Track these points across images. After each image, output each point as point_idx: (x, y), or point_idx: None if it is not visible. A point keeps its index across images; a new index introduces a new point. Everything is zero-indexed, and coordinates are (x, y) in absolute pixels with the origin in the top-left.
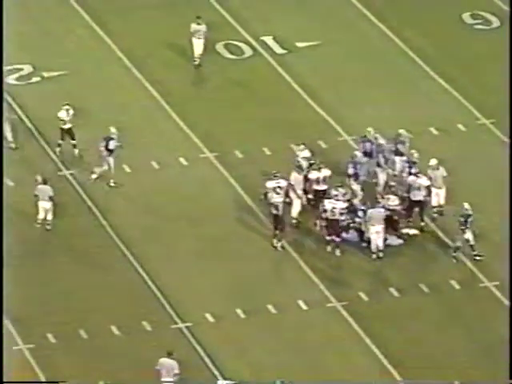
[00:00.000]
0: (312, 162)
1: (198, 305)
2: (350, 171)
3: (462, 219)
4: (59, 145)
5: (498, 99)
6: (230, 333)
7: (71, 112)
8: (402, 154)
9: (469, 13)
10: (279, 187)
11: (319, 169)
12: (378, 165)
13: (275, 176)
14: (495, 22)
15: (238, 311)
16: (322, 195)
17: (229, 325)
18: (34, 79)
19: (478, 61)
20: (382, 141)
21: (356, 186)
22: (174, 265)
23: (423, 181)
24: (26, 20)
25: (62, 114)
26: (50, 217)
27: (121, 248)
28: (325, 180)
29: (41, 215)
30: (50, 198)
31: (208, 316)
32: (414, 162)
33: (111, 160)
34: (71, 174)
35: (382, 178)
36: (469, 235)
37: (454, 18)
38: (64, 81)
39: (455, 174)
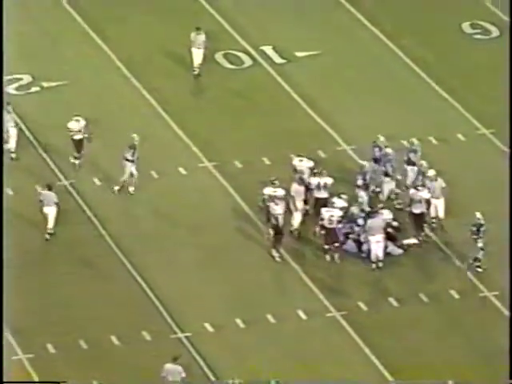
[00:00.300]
0: (315, 171)
1: (198, 314)
2: (359, 182)
3: (474, 228)
4: (76, 157)
5: (498, 109)
6: (229, 342)
7: (82, 123)
8: (414, 164)
9: (468, 22)
10: (275, 196)
11: (321, 175)
12: (386, 174)
13: (273, 183)
14: (494, 32)
15: (238, 321)
16: (322, 203)
17: (228, 334)
18: (34, 89)
19: (478, 70)
20: (389, 150)
21: (365, 197)
22: (173, 274)
23: (424, 193)
24: (25, 30)
25: (72, 125)
26: (50, 225)
27: (120, 257)
28: (325, 187)
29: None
30: (55, 204)
31: (207, 326)
32: (423, 173)
33: (133, 169)
34: (70, 184)
35: (386, 187)
36: (480, 245)
37: (454, 27)
38: (63, 90)
39: (455, 183)
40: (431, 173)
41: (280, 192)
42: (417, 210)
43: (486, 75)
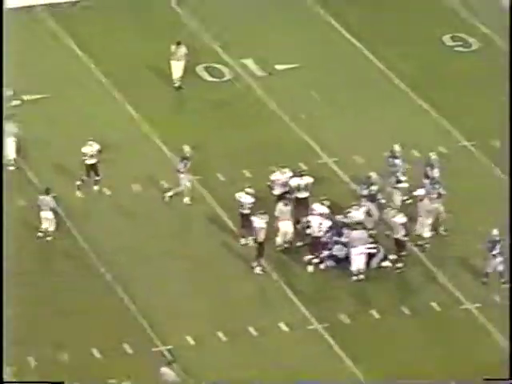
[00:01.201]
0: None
1: (179, 327)
2: (364, 192)
3: (490, 245)
4: (82, 180)
5: (479, 121)
6: (211, 355)
7: (96, 147)
8: (429, 178)
9: (449, 35)
10: (241, 202)
11: (301, 176)
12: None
13: (244, 189)
14: (475, 44)
15: (220, 333)
16: (303, 203)
17: (210, 347)
18: (14, 102)
19: (459, 83)
20: (397, 161)
21: (372, 207)
22: (154, 286)
23: (398, 219)
24: (5, 43)
25: (86, 150)
26: (51, 228)
27: (101, 270)
28: (306, 187)
29: (44, 225)
30: (51, 210)
31: (189, 338)
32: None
33: (187, 180)
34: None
35: (396, 197)
36: (497, 262)
37: (435, 40)
38: (45, 104)
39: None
40: (420, 192)
41: (245, 199)
42: (395, 235)
43: (466, 87)
